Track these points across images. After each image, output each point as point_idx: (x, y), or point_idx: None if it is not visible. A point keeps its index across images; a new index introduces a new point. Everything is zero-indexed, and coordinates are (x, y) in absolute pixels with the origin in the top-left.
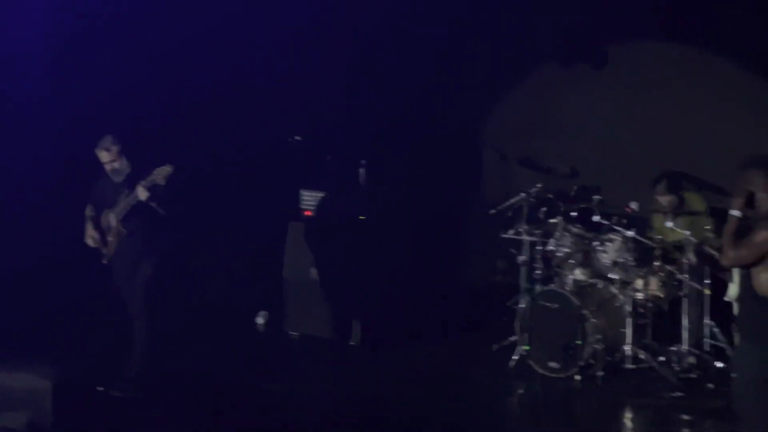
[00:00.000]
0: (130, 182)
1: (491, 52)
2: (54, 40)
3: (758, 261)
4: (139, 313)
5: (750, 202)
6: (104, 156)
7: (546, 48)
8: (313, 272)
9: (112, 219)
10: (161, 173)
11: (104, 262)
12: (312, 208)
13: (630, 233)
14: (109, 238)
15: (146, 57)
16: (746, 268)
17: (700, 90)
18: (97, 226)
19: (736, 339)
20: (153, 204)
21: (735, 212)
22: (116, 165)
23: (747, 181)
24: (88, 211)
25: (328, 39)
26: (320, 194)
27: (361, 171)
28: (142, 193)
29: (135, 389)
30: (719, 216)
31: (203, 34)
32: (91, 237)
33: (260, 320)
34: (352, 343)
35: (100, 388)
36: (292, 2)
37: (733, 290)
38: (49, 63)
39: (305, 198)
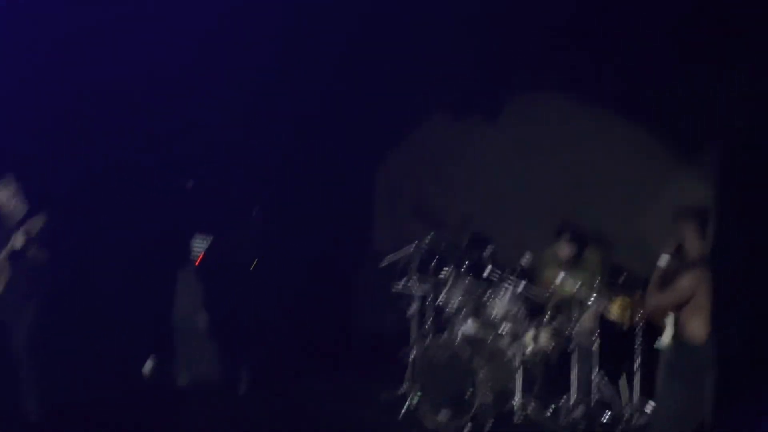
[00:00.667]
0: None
1: (384, 100)
2: None
3: (682, 307)
4: (23, 355)
5: (678, 252)
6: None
7: (440, 98)
8: (203, 319)
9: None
10: (32, 226)
11: None
12: (203, 254)
13: (520, 287)
14: None
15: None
16: (667, 315)
17: (594, 143)
18: None
19: (624, 393)
20: (30, 251)
21: (663, 261)
22: (11, 207)
23: (678, 231)
24: None
25: (218, 82)
26: (211, 240)
27: (254, 218)
28: (18, 241)
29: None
30: (611, 270)
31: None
32: None
33: (148, 366)
34: (240, 391)
35: None
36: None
37: (666, 338)
38: None
39: (197, 243)
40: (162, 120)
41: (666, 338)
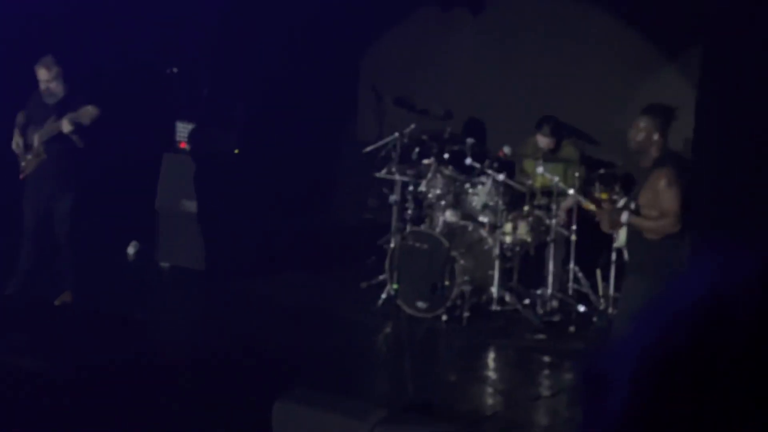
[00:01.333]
0: (61, 108)
1: None
2: None
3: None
4: (64, 236)
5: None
6: (42, 74)
7: None
8: (185, 203)
9: (36, 139)
10: (87, 114)
11: (21, 177)
12: (187, 139)
13: (501, 177)
14: (29, 157)
15: None
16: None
17: (577, 39)
18: (23, 136)
19: (600, 285)
20: (74, 137)
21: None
22: (52, 86)
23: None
24: (20, 118)
25: None
26: (195, 126)
27: (237, 105)
28: (66, 126)
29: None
30: (589, 164)
31: None
32: (16, 143)
33: (131, 250)
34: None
35: None
36: None
37: (621, 237)
38: None
39: (180, 130)
40: None
41: (622, 236)
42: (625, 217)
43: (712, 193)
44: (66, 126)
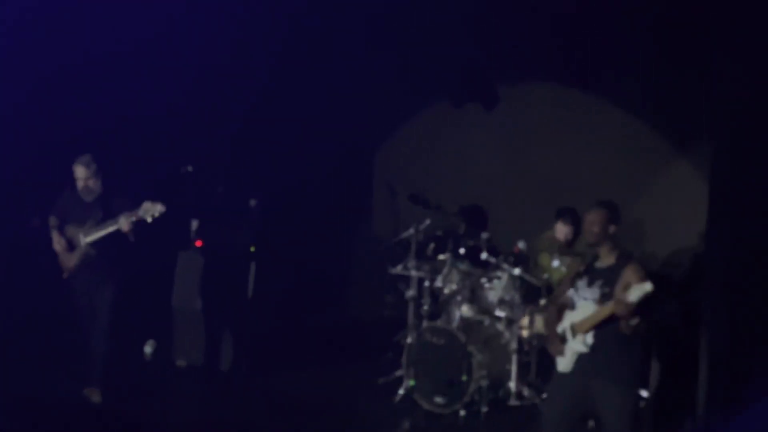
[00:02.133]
0: (102, 204)
1: (385, 86)
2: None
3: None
4: (99, 334)
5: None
6: (81, 172)
7: (439, 85)
8: (202, 302)
9: (81, 237)
10: (151, 210)
11: (64, 276)
12: (202, 238)
13: (517, 271)
14: (73, 255)
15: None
16: None
17: (589, 134)
18: (63, 237)
19: None
20: (130, 234)
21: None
22: (90, 183)
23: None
24: (53, 222)
25: (222, 69)
26: (211, 225)
27: (252, 203)
28: (124, 224)
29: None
30: None
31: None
32: (59, 244)
33: (148, 349)
34: (236, 372)
35: None
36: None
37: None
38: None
39: (195, 228)
40: None
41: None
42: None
43: (726, 286)
44: (125, 224)
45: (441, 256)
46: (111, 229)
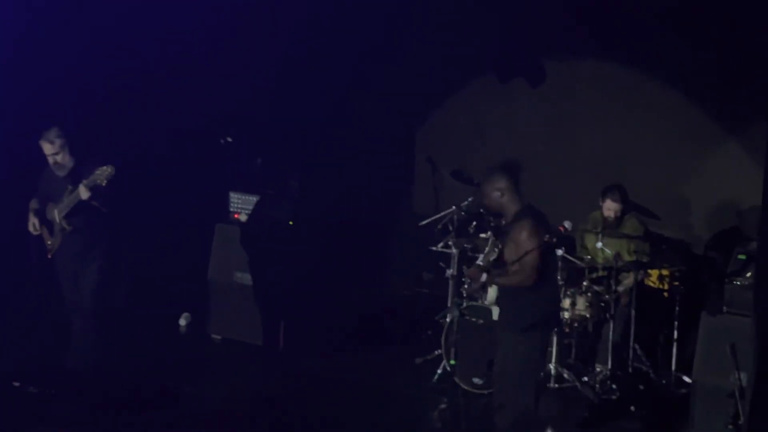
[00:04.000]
0: (74, 178)
1: (428, 61)
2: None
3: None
4: (83, 313)
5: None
6: (48, 148)
7: (483, 61)
8: (238, 275)
9: (56, 214)
10: (103, 174)
11: (48, 256)
12: (241, 211)
13: (560, 252)
14: (53, 234)
15: (83, 50)
16: None
17: (637, 112)
18: (42, 219)
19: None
20: (95, 203)
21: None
22: (59, 158)
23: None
24: (33, 204)
25: (260, 40)
26: (250, 197)
27: (292, 176)
28: (83, 193)
29: (53, 387)
30: (653, 240)
31: (141, 29)
32: (33, 226)
33: (183, 322)
34: (274, 348)
35: (16, 384)
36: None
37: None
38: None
39: (234, 200)
40: None
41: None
42: (483, 277)
43: None
44: (84, 193)
45: (482, 235)
46: (75, 200)
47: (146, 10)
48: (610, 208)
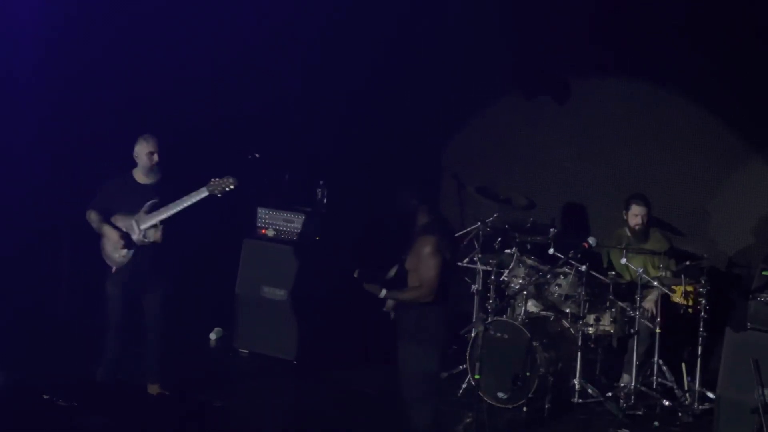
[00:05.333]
0: (159, 189)
1: (453, 78)
2: (46, 35)
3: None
4: (155, 327)
5: None
6: (151, 145)
7: (509, 77)
8: (266, 290)
9: (134, 225)
10: (224, 184)
11: (113, 270)
12: (268, 226)
13: (584, 268)
14: (123, 247)
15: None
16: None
17: (661, 129)
18: (118, 231)
19: (685, 379)
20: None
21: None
22: (156, 158)
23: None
24: (95, 215)
25: (287, 57)
26: (277, 212)
27: (319, 192)
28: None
29: (82, 400)
30: (678, 256)
31: (163, 45)
32: (114, 237)
33: (213, 336)
34: (294, 362)
35: (45, 397)
36: (248, 20)
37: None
38: (41, 59)
39: (261, 216)
40: None
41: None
42: (382, 293)
43: None
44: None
45: (508, 251)
46: (172, 210)
47: (162, 30)
48: (637, 213)
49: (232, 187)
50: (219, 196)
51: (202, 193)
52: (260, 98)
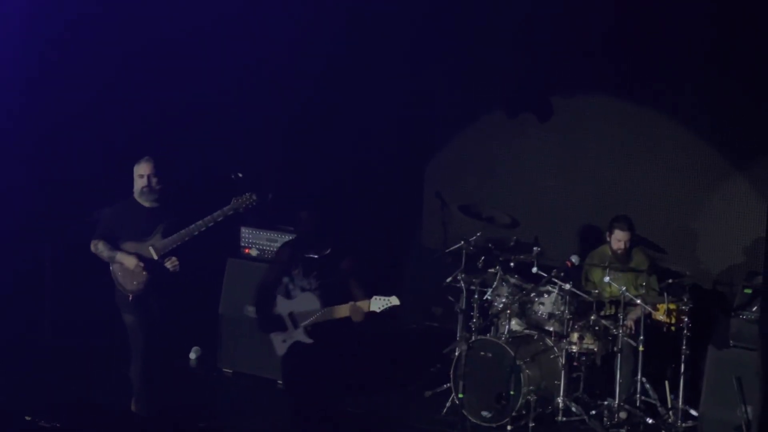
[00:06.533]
0: (162, 212)
1: (437, 97)
2: (35, 47)
3: None
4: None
5: None
6: (145, 168)
7: (491, 96)
8: (249, 309)
9: (152, 251)
10: (246, 202)
11: (129, 297)
12: (252, 245)
13: (567, 286)
14: (140, 273)
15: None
16: None
17: (643, 147)
18: (136, 256)
19: (669, 397)
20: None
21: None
22: (154, 182)
23: None
24: (101, 245)
25: (271, 78)
26: (261, 232)
27: (302, 212)
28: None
29: (63, 420)
30: (658, 274)
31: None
32: (131, 263)
33: (193, 355)
34: (279, 382)
35: (28, 418)
36: (238, 42)
37: None
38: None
39: (245, 235)
40: None
41: None
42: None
43: None
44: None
45: (491, 269)
46: (194, 233)
47: (150, 51)
48: (620, 238)
49: (252, 202)
50: (242, 212)
51: (228, 213)
52: (245, 119)
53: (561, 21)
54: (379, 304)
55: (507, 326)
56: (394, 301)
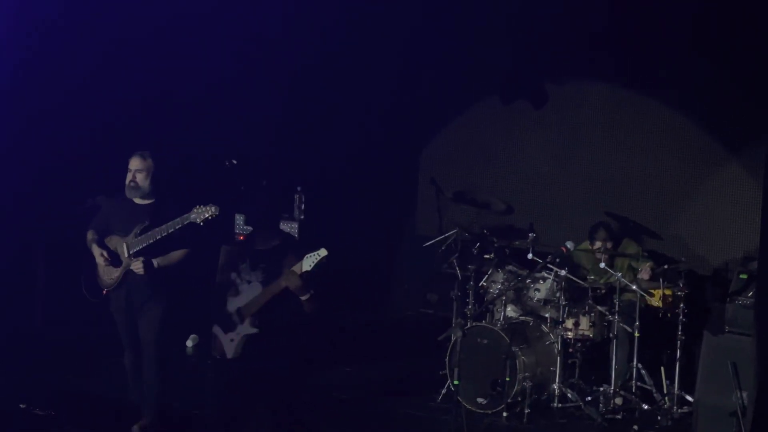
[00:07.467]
0: (147, 210)
1: (431, 84)
2: (24, 39)
3: None
4: (149, 356)
5: None
6: (136, 163)
7: (487, 83)
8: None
9: (124, 248)
10: (205, 213)
11: (104, 292)
12: (246, 232)
13: (563, 273)
14: (115, 269)
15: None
16: None
17: (638, 134)
18: (107, 250)
19: (664, 383)
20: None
21: None
22: (139, 178)
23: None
24: (91, 235)
25: (267, 63)
26: (255, 219)
27: (296, 197)
28: (171, 227)
29: (58, 409)
30: (653, 259)
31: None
32: (101, 257)
33: (190, 343)
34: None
35: (23, 406)
36: (234, 25)
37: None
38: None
39: (239, 222)
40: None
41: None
42: None
43: None
44: (173, 226)
45: (486, 256)
46: (158, 236)
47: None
48: (599, 245)
49: (212, 215)
50: (201, 224)
51: (185, 221)
52: (240, 106)
53: (556, 8)
54: (309, 261)
55: (502, 313)
56: (323, 252)
